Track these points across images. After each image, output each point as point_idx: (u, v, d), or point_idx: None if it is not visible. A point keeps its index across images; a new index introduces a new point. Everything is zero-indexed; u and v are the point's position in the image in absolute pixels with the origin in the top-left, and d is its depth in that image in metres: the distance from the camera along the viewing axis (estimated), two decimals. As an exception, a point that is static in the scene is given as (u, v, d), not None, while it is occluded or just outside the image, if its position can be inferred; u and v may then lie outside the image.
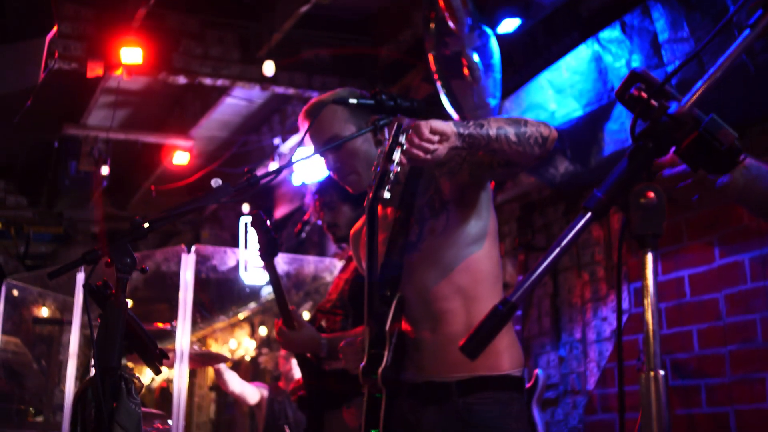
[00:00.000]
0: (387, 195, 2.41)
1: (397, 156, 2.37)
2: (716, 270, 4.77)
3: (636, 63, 4.68)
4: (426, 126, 2.27)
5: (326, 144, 2.75)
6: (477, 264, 2.61)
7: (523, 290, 1.35)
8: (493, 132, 2.35)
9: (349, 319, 3.78)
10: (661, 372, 1.25)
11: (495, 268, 2.65)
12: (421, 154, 2.27)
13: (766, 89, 4.23)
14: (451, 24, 5.13)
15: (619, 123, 4.98)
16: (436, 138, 2.27)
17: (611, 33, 4.88)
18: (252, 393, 6.95)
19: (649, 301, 1.29)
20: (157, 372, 2.62)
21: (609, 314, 5.47)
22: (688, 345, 4.88)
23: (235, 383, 6.83)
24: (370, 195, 2.46)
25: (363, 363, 2.53)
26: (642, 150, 1.34)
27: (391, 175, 2.39)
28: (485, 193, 2.65)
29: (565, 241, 1.32)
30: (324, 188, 4.02)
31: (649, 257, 1.29)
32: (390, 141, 2.40)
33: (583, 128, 5.18)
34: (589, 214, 1.32)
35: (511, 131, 2.36)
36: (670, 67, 4.45)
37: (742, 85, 4.18)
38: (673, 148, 1.42)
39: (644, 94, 1.37)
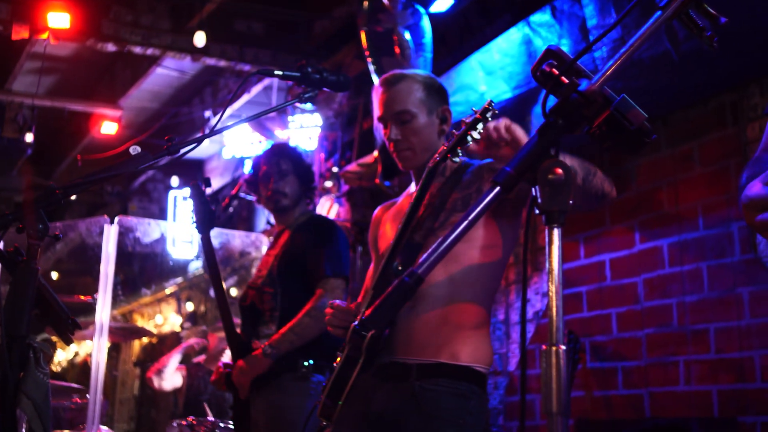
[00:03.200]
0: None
1: (475, 134, 2.39)
2: (636, 255, 4.86)
3: (565, 47, 4.71)
4: (511, 124, 2.27)
5: (396, 116, 2.77)
6: (480, 265, 2.61)
7: (430, 263, 1.35)
8: None
9: (278, 296, 3.76)
10: (562, 347, 1.26)
11: (494, 277, 2.67)
12: (495, 134, 2.26)
13: (688, 77, 4.30)
14: (385, 0, 5.10)
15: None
16: (508, 137, 2.26)
17: (542, 17, 4.91)
18: (178, 381, 6.94)
19: (553, 277, 1.30)
20: (68, 342, 2.56)
21: (531, 296, 5.53)
22: (607, 328, 4.97)
23: (167, 387, 6.86)
24: (431, 164, 2.56)
25: (356, 322, 2.51)
26: (552, 126, 1.34)
27: (459, 152, 2.47)
28: (516, 213, 2.68)
29: (473, 214, 1.32)
30: (276, 155, 4.00)
31: (556, 233, 1.30)
32: (470, 121, 2.42)
33: (511, 110, 5.22)
34: (497, 188, 1.33)
35: (580, 174, 2.27)
36: (598, 53, 4.50)
37: (666, 73, 4.25)
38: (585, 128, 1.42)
39: (555, 71, 1.38)
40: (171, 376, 6.89)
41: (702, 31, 1.43)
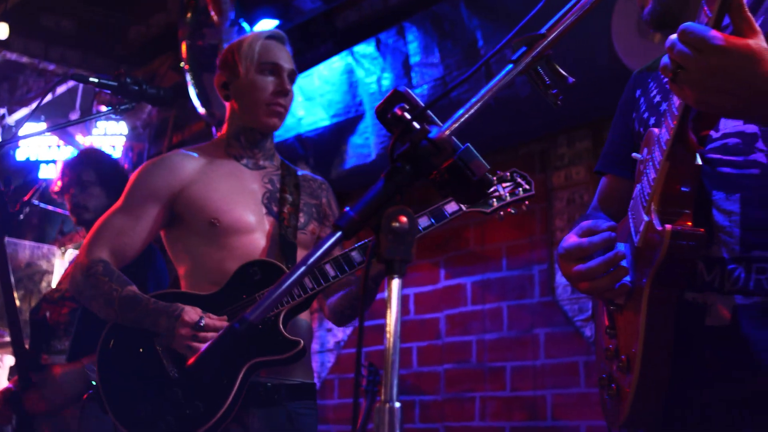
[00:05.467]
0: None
1: None
2: (440, 290, 4.95)
3: (386, 81, 4.76)
4: None
5: (290, 74, 2.74)
6: None
7: (264, 308, 1.26)
8: None
9: (78, 310, 3.51)
10: (397, 404, 1.20)
11: None
12: None
13: (502, 124, 4.44)
14: (213, 15, 4.96)
15: (364, 138, 5.04)
16: None
17: (366, 48, 4.94)
18: None
19: (391, 330, 1.24)
20: None
21: (333, 326, 5.50)
22: (407, 362, 5.02)
23: None
24: None
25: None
26: (399, 172, 1.29)
27: None
28: None
29: (311, 260, 1.25)
30: (78, 165, 3.69)
31: (395, 284, 1.24)
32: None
33: (328, 138, 5.20)
34: (339, 233, 1.25)
35: None
36: (419, 90, 4.57)
37: (481, 117, 4.35)
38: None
39: (407, 116, 1.33)
40: None
41: (548, 88, 1.43)
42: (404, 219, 1.25)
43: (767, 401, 1.47)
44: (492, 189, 2.69)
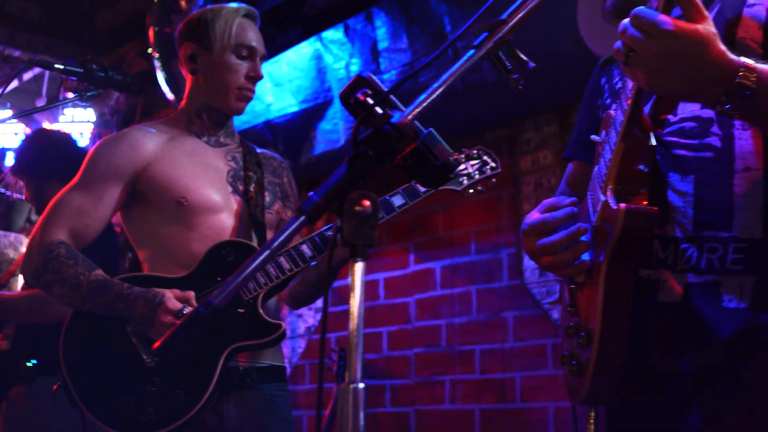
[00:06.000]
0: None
1: None
2: (410, 275, 4.98)
3: (355, 67, 4.77)
4: None
5: (261, 58, 2.66)
6: None
7: (227, 293, 1.28)
8: None
9: None
10: (361, 385, 1.23)
11: None
12: None
13: (470, 108, 4.46)
14: (181, 1, 4.92)
15: (333, 123, 5.05)
16: None
17: (335, 34, 4.93)
18: None
19: (355, 313, 1.26)
20: None
21: (304, 311, 5.52)
22: (378, 346, 5.05)
23: None
24: None
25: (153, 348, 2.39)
26: (362, 157, 1.31)
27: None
28: None
29: (275, 243, 1.26)
30: (28, 156, 3.56)
31: (359, 267, 1.26)
32: None
33: (297, 124, 5.20)
34: (303, 218, 1.27)
35: None
36: (387, 75, 4.58)
37: (449, 102, 4.37)
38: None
39: (370, 100, 1.35)
40: None
41: (510, 73, 1.46)
42: (367, 203, 1.27)
43: (717, 373, 1.52)
44: (461, 167, 2.72)
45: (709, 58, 1.34)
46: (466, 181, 2.72)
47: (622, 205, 1.49)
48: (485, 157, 2.80)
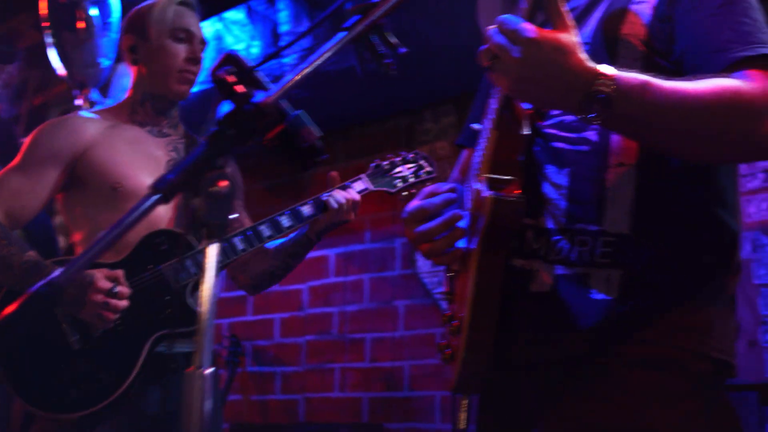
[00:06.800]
0: None
1: None
2: (304, 262, 4.93)
3: (255, 50, 4.70)
4: None
5: (200, 43, 2.73)
6: None
7: (74, 269, 1.23)
8: None
9: None
10: (209, 370, 1.19)
11: None
12: None
13: (370, 96, 4.45)
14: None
15: (231, 105, 4.96)
16: None
17: (236, 14, 4.85)
18: None
19: (207, 294, 1.23)
20: None
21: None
22: (269, 333, 5.00)
23: None
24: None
25: None
26: (221, 136, 1.28)
27: None
28: None
29: (126, 221, 1.22)
30: None
31: (213, 248, 1.23)
32: None
33: (195, 105, 5.09)
34: (156, 196, 1.23)
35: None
36: (287, 59, 4.52)
37: (350, 88, 4.36)
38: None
39: (230, 78, 1.31)
40: None
41: (381, 57, 1.44)
42: (224, 183, 1.24)
43: (582, 361, 1.55)
44: (397, 169, 2.83)
45: (569, 66, 1.36)
46: (400, 184, 2.86)
47: (491, 193, 1.49)
48: (421, 162, 2.95)
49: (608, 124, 1.43)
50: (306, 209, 2.64)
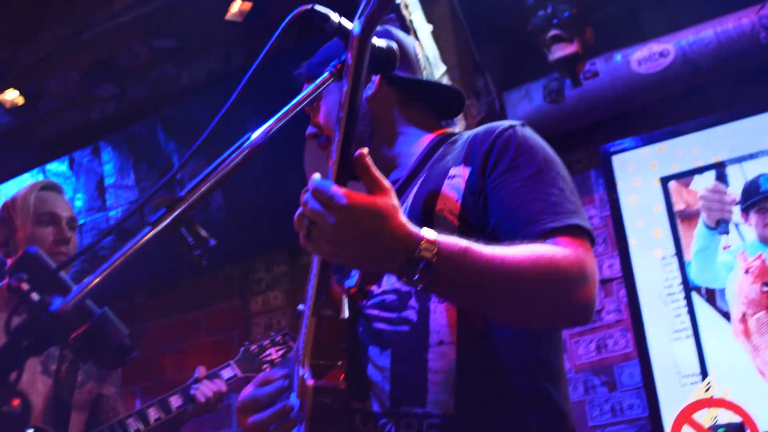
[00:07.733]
0: None
1: None
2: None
3: (80, 203, 4.56)
4: None
5: None
6: None
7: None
8: None
9: None
10: None
11: None
12: None
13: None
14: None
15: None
16: None
17: (60, 166, 4.72)
18: None
19: None
20: None
21: None
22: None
23: None
24: None
25: None
26: (15, 348, 1.18)
27: None
28: None
29: None
30: None
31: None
32: None
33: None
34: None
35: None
36: (113, 212, 4.41)
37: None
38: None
39: (24, 286, 1.23)
40: None
41: (192, 248, 1.39)
42: (16, 403, 1.15)
43: None
44: (266, 353, 2.89)
45: (389, 231, 1.33)
46: (270, 368, 2.86)
47: (311, 382, 1.46)
48: (291, 343, 2.94)
49: (431, 288, 1.41)
50: (174, 400, 2.75)
